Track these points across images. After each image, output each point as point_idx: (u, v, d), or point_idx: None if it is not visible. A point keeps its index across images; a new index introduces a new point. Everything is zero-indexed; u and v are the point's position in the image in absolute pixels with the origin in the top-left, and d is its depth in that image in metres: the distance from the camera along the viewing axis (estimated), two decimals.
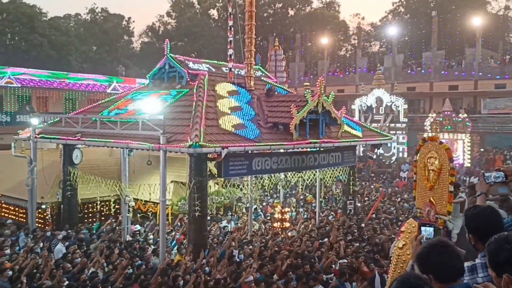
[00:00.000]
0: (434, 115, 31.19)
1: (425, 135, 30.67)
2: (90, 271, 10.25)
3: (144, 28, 66.13)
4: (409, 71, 40.63)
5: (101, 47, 55.38)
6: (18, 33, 46.02)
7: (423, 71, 39.66)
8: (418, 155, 7.63)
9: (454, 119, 30.15)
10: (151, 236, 14.42)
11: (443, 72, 38.45)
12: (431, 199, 7.25)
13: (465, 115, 30.02)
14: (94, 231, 14.96)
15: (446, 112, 30.77)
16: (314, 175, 16.70)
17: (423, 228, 3.72)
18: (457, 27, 44.22)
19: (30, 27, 45.26)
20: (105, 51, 54.87)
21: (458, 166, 29.77)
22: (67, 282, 9.47)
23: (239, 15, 15.14)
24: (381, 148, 19.50)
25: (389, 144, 27.75)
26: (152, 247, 13.01)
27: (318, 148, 14.52)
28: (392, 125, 30.85)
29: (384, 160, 30.57)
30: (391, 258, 6.97)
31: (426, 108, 37.99)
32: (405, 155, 31.16)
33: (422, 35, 44.68)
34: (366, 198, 21.49)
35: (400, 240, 6.80)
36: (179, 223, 15.71)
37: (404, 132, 31.29)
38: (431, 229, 3.72)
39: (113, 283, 9.52)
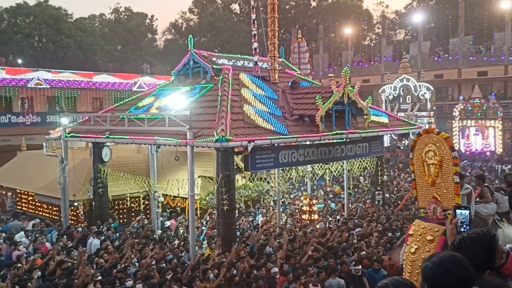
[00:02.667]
0: (463, 102, 30.55)
1: (454, 122, 30.19)
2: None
3: (167, 25, 66.84)
4: (436, 58, 39.83)
5: (126, 46, 56.11)
6: (45, 35, 47.00)
7: (450, 57, 38.81)
8: (414, 151, 7.15)
9: (484, 105, 29.44)
10: (181, 231, 14.59)
11: (471, 58, 37.55)
12: (435, 195, 6.82)
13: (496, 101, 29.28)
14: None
15: (476, 98, 30.08)
16: (342, 166, 16.57)
17: (458, 211, 3.60)
18: (485, 11, 43.03)
19: (56, 28, 46.19)
20: (130, 50, 55.57)
21: (489, 153, 29.11)
22: (99, 277, 9.68)
23: (261, 8, 15.08)
24: (409, 137, 19.14)
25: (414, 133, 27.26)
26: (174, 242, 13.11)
27: (344, 139, 14.38)
28: (420, 113, 30.34)
29: None
30: (403, 266, 6.50)
31: (455, 96, 37.22)
32: None
33: (449, 20, 43.64)
34: (395, 189, 21.23)
35: (410, 245, 6.38)
36: (208, 218, 15.84)
37: (432, 120, 30.72)
38: (467, 211, 3.58)
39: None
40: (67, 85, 32.17)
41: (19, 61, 40.67)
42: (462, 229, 3.48)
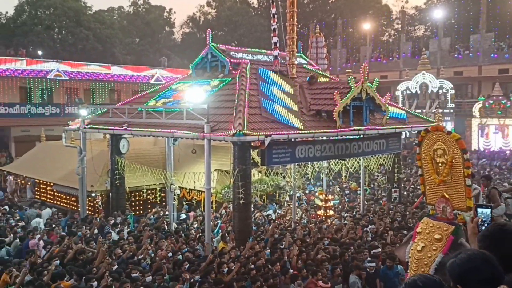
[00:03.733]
0: (483, 99, 30.10)
1: (474, 120, 29.78)
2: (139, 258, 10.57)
3: (185, 19, 67.04)
4: (456, 55, 39.28)
5: (144, 38, 56.42)
6: (65, 27, 47.48)
7: (471, 54, 38.23)
8: (421, 147, 7.03)
9: (505, 103, 28.97)
10: (195, 224, 14.67)
11: (492, 55, 36.94)
12: (445, 194, 6.70)
13: None
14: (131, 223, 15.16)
15: (496, 96, 29.62)
16: (358, 162, 16.49)
17: (479, 210, 3.56)
18: (507, 7, 42.22)
19: (76, 21, 46.63)
20: (148, 43, 55.86)
21: (509, 152, 28.66)
22: (116, 267, 9.81)
23: (280, 2, 15.01)
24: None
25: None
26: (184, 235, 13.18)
27: (362, 136, 14.28)
28: (440, 110, 29.97)
29: None
30: (408, 263, 6.50)
31: (474, 93, 36.68)
32: None
33: (470, 17, 42.96)
34: (412, 186, 21.05)
35: (417, 242, 6.33)
36: (224, 211, 15.90)
37: (451, 117, 30.35)
38: (488, 210, 3.55)
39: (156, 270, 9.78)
40: (86, 77, 32.52)
41: (39, 52, 41.15)
42: (483, 228, 3.45)
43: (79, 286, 8.83)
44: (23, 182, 21.63)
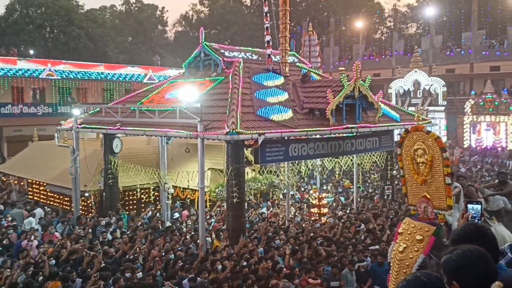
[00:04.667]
0: (474, 97, 30.29)
1: (466, 118, 29.96)
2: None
3: (177, 17, 66.75)
4: (448, 53, 39.50)
5: (136, 37, 56.19)
6: (57, 26, 47.16)
7: (462, 52, 38.46)
8: (402, 147, 7.08)
9: (496, 101, 29.18)
10: (189, 222, 14.68)
11: (484, 52, 37.17)
12: (426, 194, 6.73)
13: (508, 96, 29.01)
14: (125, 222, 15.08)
15: (488, 94, 29.81)
16: (351, 160, 16.56)
17: (469, 206, 3.61)
18: (498, 5, 42.53)
19: (68, 19, 46.32)
20: (140, 42, 55.65)
21: (500, 149, 28.87)
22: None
23: (273, 0, 15.03)
24: None
25: (427, 128, 27.04)
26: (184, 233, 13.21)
27: (355, 133, 14.36)
28: (431, 108, 30.13)
29: None
30: (391, 264, 6.50)
31: (466, 90, 36.91)
32: (444, 139, 30.40)
33: (461, 14, 43.18)
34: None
35: (399, 243, 6.33)
36: (219, 210, 15.91)
37: (443, 115, 30.51)
38: (479, 206, 3.59)
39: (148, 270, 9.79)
40: (78, 76, 32.36)
41: (31, 51, 40.86)
42: None
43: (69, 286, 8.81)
44: (15, 182, 21.50)
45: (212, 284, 8.68)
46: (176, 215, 16.13)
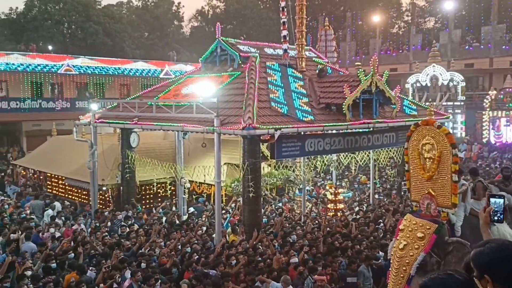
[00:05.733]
0: (494, 92, 29.80)
1: (485, 113, 29.52)
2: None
3: (193, 13, 66.85)
4: (466, 47, 38.90)
5: (153, 33, 56.47)
6: (75, 22, 47.66)
7: (482, 46, 37.84)
8: (410, 142, 6.92)
9: None
10: (203, 217, 14.76)
11: (504, 47, 36.52)
12: (430, 190, 6.57)
13: None
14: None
15: (507, 89, 29.32)
16: (368, 156, 16.46)
17: (492, 200, 3.48)
18: None
19: (85, 15, 46.76)
20: (157, 37, 55.92)
21: None
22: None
23: None
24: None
25: (445, 123, 26.70)
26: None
27: (371, 129, 14.26)
28: (449, 103, 29.74)
29: None
30: (391, 261, 6.39)
31: (486, 85, 36.34)
32: (463, 134, 30.05)
33: (481, 8, 42.44)
34: None
35: (399, 240, 6.22)
36: (233, 205, 15.97)
37: (461, 110, 30.11)
38: (501, 200, 3.47)
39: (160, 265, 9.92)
40: (96, 71, 32.70)
41: (49, 47, 41.39)
42: (496, 218, 3.42)
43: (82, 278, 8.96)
44: (35, 176, 21.83)
45: (223, 278, 8.76)
46: (191, 209, 16.21)
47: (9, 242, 11.28)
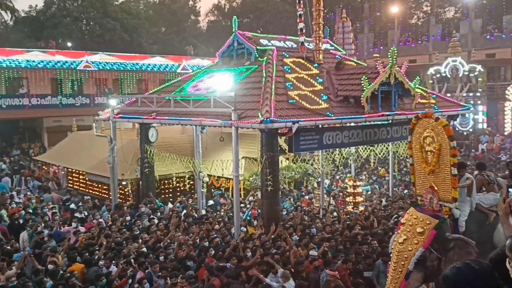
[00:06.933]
0: None
1: (507, 104, 28.94)
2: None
3: (210, 7, 66.84)
4: (488, 37, 38.09)
5: (170, 28, 56.67)
6: (93, 19, 48.11)
7: (503, 36, 37.01)
8: (412, 135, 6.82)
9: None
10: (222, 212, 14.82)
11: None
12: (433, 184, 6.47)
13: None
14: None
15: None
16: (387, 148, 16.30)
17: (511, 190, 3.42)
18: None
19: (103, 12, 47.17)
20: (174, 32, 56.11)
21: None
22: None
23: None
24: (458, 119, 18.59)
25: (466, 115, 26.26)
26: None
27: (390, 121, 14.10)
28: (470, 94, 29.22)
29: (462, 132, 28.96)
30: (391, 255, 6.27)
31: (507, 76, 35.61)
32: (484, 126, 29.53)
33: None
34: None
35: (400, 234, 6.11)
36: (252, 198, 15.98)
37: (483, 101, 29.56)
38: None
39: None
40: (114, 67, 33.00)
41: (69, 44, 41.88)
42: None
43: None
44: (56, 172, 22.18)
45: (236, 270, 8.83)
46: (210, 202, 16.26)
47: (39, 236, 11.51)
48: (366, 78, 12.77)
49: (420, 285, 6.15)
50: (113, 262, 9.67)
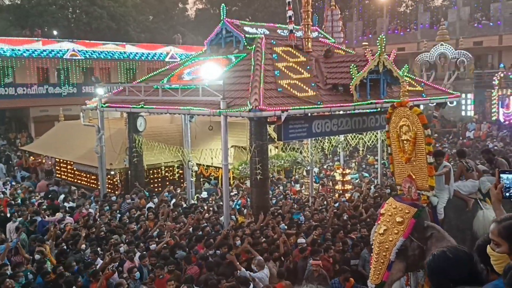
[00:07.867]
0: (503, 70, 29.38)
1: (494, 91, 29.17)
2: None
3: None
4: (475, 25, 38.24)
5: (157, 16, 56.03)
6: (79, 6, 47.39)
7: (491, 23, 37.19)
8: (389, 124, 6.81)
9: None
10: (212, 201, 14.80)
11: None
12: (410, 173, 6.49)
13: None
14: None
15: None
16: (376, 136, 16.35)
17: (503, 176, 3.36)
18: None
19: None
20: (161, 20, 55.50)
21: None
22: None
23: None
24: (445, 106, 18.67)
25: (454, 102, 26.38)
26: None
27: (379, 109, 14.13)
28: (458, 81, 29.38)
29: (449, 119, 29.22)
30: (372, 246, 6.30)
31: (495, 63, 35.83)
32: (472, 113, 29.76)
33: None
34: None
35: (380, 225, 6.13)
36: (241, 188, 15.94)
37: (470, 88, 29.76)
38: None
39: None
40: (101, 56, 32.59)
41: (54, 32, 41.24)
42: (508, 194, 3.32)
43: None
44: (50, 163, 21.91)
45: (223, 259, 8.83)
46: (204, 194, 16.17)
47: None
48: (355, 66, 12.75)
49: (402, 275, 6.19)
50: (100, 253, 9.61)
